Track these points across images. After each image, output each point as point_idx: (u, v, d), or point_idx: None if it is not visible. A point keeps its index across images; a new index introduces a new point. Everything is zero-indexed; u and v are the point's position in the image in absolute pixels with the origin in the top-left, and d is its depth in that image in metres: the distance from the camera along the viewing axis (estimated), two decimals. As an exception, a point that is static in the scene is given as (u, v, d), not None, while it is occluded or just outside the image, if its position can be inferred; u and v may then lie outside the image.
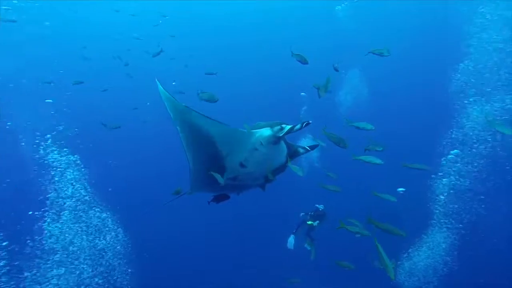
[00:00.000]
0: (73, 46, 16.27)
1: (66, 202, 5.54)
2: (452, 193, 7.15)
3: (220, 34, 21.03)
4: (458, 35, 8.34)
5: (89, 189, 5.91)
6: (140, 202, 13.67)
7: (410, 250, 7.04)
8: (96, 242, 5.89)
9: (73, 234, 5.42)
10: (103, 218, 6.00)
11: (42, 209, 5.28)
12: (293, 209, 8.22)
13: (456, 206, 7.14)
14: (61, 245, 5.23)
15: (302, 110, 10.98)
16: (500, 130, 4.66)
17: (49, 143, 5.83)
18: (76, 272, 5.28)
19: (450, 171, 7.24)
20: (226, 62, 20.10)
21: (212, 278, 11.18)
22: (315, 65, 4.67)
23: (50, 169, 5.61)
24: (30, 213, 5.24)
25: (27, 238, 5.06)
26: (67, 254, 5.30)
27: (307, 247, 7.81)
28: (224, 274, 11.24)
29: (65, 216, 5.42)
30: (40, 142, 5.85)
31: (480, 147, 6.95)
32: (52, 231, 5.18)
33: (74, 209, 5.62)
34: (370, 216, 4.19)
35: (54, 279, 5.01)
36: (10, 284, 4.68)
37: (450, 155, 7.22)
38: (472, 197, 7.28)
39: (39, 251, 5.03)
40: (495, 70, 7.16)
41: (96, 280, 5.64)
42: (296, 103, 11.64)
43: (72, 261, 5.34)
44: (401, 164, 5.74)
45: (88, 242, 5.66)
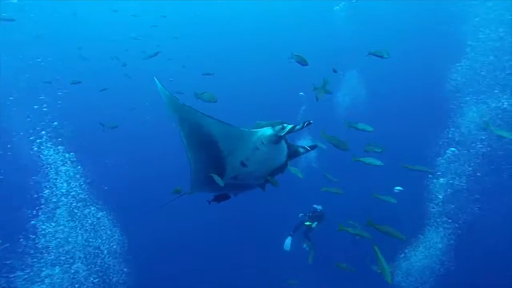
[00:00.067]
0: (71, 46, 16.22)
1: (60, 200, 5.48)
2: (449, 192, 7.19)
3: (218, 34, 21.05)
4: (456, 35, 8.40)
5: (84, 187, 5.87)
6: (138, 201, 13.61)
7: (407, 251, 7.06)
8: (91, 241, 5.84)
9: (67, 233, 5.38)
10: (99, 217, 5.96)
11: (36, 207, 5.22)
12: (292, 209, 8.23)
13: (452, 206, 7.18)
14: (55, 243, 5.18)
15: (301, 110, 10.99)
16: (500, 134, 4.62)
17: (43, 140, 5.77)
18: (72, 271, 5.25)
19: (447, 171, 7.28)
20: (224, 62, 20.11)
21: (210, 278, 11.16)
22: (314, 65, 4.68)
23: (44, 166, 5.55)
24: (25, 211, 5.17)
25: (20, 236, 4.98)
26: (61, 253, 5.25)
27: (306, 248, 7.82)
28: (223, 274, 11.22)
29: (59, 214, 5.37)
30: (35, 139, 5.79)
31: (477, 147, 6.99)
32: (46, 230, 5.13)
33: (69, 207, 5.56)
34: (370, 218, 4.18)
35: (47, 279, 4.96)
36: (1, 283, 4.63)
37: (447, 154, 7.26)
38: (467, 196, 7.32)
39: (32, 250, 4.95)
40: (491, 70, 7.22)
41: (91, 279, 5.60)
42: (295, 103, 11.66)
43: (67, 259, 5.30)
44: (398, 164, 5.76)
45: (83, 240, 5.61)
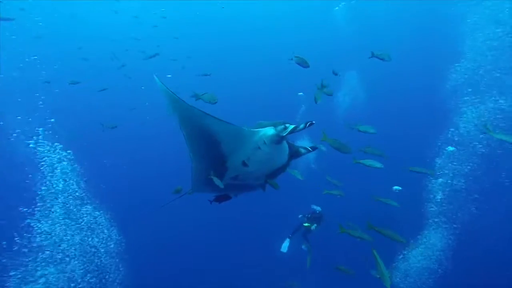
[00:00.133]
0: (71, 46, 16.21)
1: (57, 197, 5.46)
2: (447, 192, 7.19)
3: (218, 35, 21.05)
4: (454, 35, 8.41)
5: (82, 186, 5.85)
6: (137, 201, 13.62)
7: (405, 252, 7.06)
8: (86, 240, 5.83)
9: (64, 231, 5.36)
10: (96, 216, 5.95)
11: (32, 206, 5.20)
12: (292, 210, 8.21)
13: (451, 206, 7.19)
14: (51, 242, 5.16)
15: (301, 111, 10.99)
16: (500, 138, 4.58)
17: (40, 139, 5.74)
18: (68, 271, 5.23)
19: (446, 171, 7.29)
20: (224, 63, 20.13)
21: (210, 278, 11.16)
22: (313, 66, 4.67)
23: (40, 164, 5.52)
24: (20, 209, 5.14)
25: (15, 234, 4.96)
26: (57, 251, 5.23)
27: (304, 248, 7.81)
28: (222, 274, 11.22)
29: (56, 212, 5.34)
30: (34, 138, 5.76)
31: (475, 147, 7.01)
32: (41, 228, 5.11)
33: (64, 205, 5.54)
34: (370, 221, 4.17)
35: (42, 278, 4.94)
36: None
37: (446, 153, 7.27)
38: (466, 196, 7.33)
39: (27, 249, 4.92)
40: (489, 70, 7.23)
41: (88, 279, 5.60)
42: (294, 104, 11.67)
43: (63, 258, 5.28)
44: (397, 164, 5.76)
45: (80, 240, 5.60)
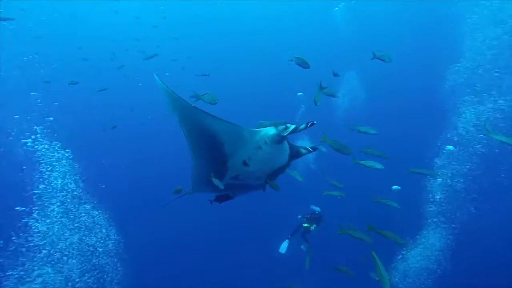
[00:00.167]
0: (71, 46, 16.21)
1: (54, 196, 5.44)
2: (446, 192, 7.20)
3: (217, 35, 21.05)
4: (454, 35, 8.42)
5: (81, 185, 5.84)
6: (135, 201, 13.62)
7: (404, 252, 7.06)
8: (86, 240, 5.82)
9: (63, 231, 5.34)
10: (94, 216, 5.95)
11: (30, 205, 5.18)
12: (292, 210, 8.19)
13: (450, 206, 7.20)
14: (48, 241, 5.15)
15: (300, 111, 10.99)
16: (500, 139, 4.55)
17: (38, 137, 5.72)
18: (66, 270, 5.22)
19: (444, 170, 7.29)
20: (223, 63, 20.13)
21: (209, 279, 11.16)
22: (313, 66, 4.67)
23: (39, 163, 5.51)
24: (17, 208, 5.12)
25: (12, 234, 4.94)
26: (55, 251, 5.22)
27: (303, 249, 7.81)
28: (222, 275, 11.21)
29: (53, 211, 5.32)
30: (29, 135, 5.75)
31: (474, 147, 7.01)
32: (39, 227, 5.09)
33: (62, 204, 5.52)
34: (370, 222, 4.16)
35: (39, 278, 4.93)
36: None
37: (445, 151, 7.27)
38: (465, 196, 7.34)
39: (24, 248, 4.91)
40: (488, 70, 7.24)
41: (86, 278, 5.60)
42: (293, 104, 11.67)
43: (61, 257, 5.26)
44: (396, 164, 5.76)
45: (79, 239, 5.59)
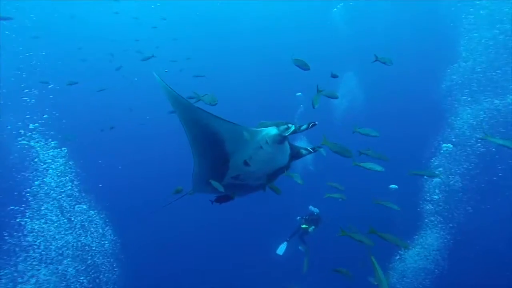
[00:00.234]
0: (70, 46, 16.18)
1: (49, 195, 5.40)
2: (443, 191, 7.22)
3: (216, 36, 21.06)
4: (452, 35, 8.46)
5: (79, 186, 5.81)
6: (134, 202, 13.59)
7: (402, 252, 7.07)
8: (82, 239, 5.79)
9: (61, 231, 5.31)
10: (91, 216, 5.93)
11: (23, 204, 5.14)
12: (292, 211, 8.18)
13: (447, 206, 7.22)
14: (44, 241, 5.12)
15: (299, 111, 11.00)
16: (498, 143, 4.52)
17: (34, 136, 5.69)
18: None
19: (441, 168, 7.32)
20: (221, 64, 20.15)
21: (207, 280, 11.15)
22: (312, 66, 4.68)
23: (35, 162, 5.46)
24: (11, 207, 5.09)
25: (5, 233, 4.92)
26: (51, 251, 5.19)
27: (301, 249, 7.81)
28: (220, 276, 11.20)
29: (47, 210, 5.28)
30: (25, 133, 5.70)
31: (471, 146, 7.05)
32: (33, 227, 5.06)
33: (56, 202, 5.49)
34: (368, 223, 4.14)
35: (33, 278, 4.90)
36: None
37: (443, 149, 7.29)
38: (461, 196, 7.35)
39: (18, 248, 4.90)
40: (485, 70, 7.28)
41: (82, 279, 5.58)
42: (293, 104, 11.68)
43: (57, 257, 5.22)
44: (395, 164, 5.77)
45: (74, 240, 5.56)
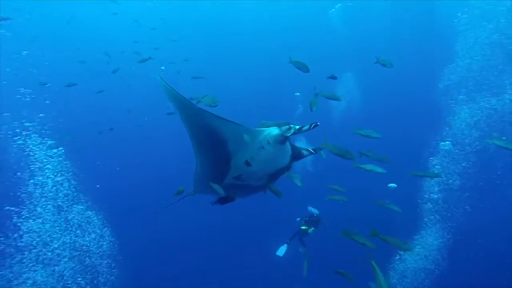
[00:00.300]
0: (68, 47, 16.18)
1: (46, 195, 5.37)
2: (442, 190, 7.23)
3: (214, 37, 21.09)
4: (450, 35, 8.48)
5: (77, 185, 5.78)
6: (132, 203, 13.56)
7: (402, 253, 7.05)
8: (76, 240, 5.76)
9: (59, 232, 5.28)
10: (88, 216, 5.91)
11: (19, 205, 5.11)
12: (292, 212, 8.16)
13: (446, 205, 7.23)
14: (42, 242, 5.10)
15: (298, 111, 11.01)
16: (504, 146, 4.42)
17: (31, 136, 5.66)
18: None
19: (438, 166, 7.33)
20: (220, 65, 20.17)
21: (210, 280, 11.11)
22: (309, 67, 4.69)
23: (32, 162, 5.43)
24: (7, 208, 5.05)
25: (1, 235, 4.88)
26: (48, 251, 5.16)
27: (301, 251, 7.79)
28: (222, 277, 11.18)
29: (42, 209, 5.25)
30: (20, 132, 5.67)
31: (471, 144, 7.07)
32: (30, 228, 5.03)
33: (54, 203, 5.46)
34: (369, 225, 4.13)
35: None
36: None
37: (441, 147, 7.29)
38: (460, 195, 7.36)
39: (13, 249, 4.87)
40: (482, 70, 7.31)
41: (79, 280, 5.55)
42: (292, 104, 11.69)
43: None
44: (394, 164, 5.76)
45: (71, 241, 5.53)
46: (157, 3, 19.41)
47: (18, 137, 5.60)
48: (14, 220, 4.92)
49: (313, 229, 7.44)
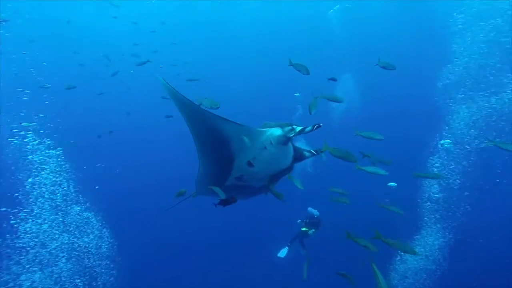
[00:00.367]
0: (67, 50, 16.17)
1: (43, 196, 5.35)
2: (443, 189, 7.22)
3: (213, 38, 21.14)
4: (449, 35, 8.51)
5: (77, 187, 5.77)
6: (132, 205, 13.54)
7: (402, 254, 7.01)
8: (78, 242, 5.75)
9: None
10: (87, 217, 5.89)
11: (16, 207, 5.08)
12: (292, 213, 8.12)
13: (446, 204, 7.22)
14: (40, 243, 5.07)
15: (297, 111, 11.00)
16: (503, 147, 4.41)
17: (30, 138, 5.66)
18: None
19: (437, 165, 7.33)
20: (219, 66, 20.22)
21: (210, 281, 11.07)
22: (308, 68, 4.68)
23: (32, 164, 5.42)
24: (3, 209, 5.03)
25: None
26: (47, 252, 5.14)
27: (302, 253, 7.77)
28: (222, 278, 11.13)
29: (38, 209, 5.23)
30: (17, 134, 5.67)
31: (468, 145, 7.08)
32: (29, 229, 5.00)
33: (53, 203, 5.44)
34: (370, 225, 4.09)
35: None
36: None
37: (441, 145, 7.29)
38: (459, 194, 7.34)
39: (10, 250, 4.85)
40: (479, 69, 7.34)
41: (77, 281, 5.53)
42: (291, 105, 11.68)
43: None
44: (393, 164, 5.76)
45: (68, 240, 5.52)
46: (156, 4, 19.46)
47: (17, 137, 5.58)
48: (11, 221, 4.90)
49: (313, 230, 7.42)
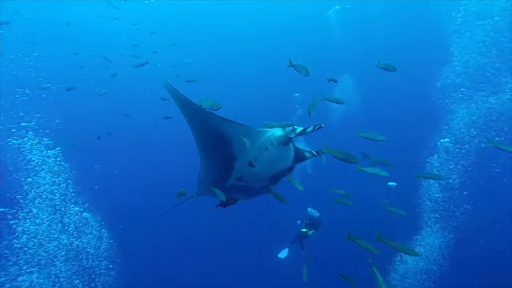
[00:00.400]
0: (67, 51, 16.19)
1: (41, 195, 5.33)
2: (443, 189, 7.21)
3: (212, 40, 21.17)
4: (448, 35, 8.52)
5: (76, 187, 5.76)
6: (132, 206, 13.51)
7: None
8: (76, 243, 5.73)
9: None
10: (86, 218, 5.88)
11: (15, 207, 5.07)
12: (294, 213, 8.12)
13: (446, 204, 7.21)
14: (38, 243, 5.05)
15: (297, 112, 11.02)
16: (502, 148, 4.27)
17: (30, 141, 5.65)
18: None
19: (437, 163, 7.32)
20: (218, 66, 20.24)
21: (210, 282, 11.04)
22: (308, 68, 4.67)
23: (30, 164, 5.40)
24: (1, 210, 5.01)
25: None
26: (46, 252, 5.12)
27: (303, 254, 7.76)
28: (222, 279, 11.11)
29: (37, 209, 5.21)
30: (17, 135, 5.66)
31: (467, 145, 7.08)
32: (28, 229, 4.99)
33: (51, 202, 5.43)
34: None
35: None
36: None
37: (441, 143, 7.29)
38: (458, 193, 7.34)
39: (8, 251, 4.83)
40: (478, 69, 7.35)
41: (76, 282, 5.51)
42: (291, 105, 11.70)
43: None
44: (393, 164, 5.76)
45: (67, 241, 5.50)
46: (156, 5, 19.49)
47: (15, 137, 5.57)
48: (10, 222, 4.88)
49: (313, 231, 7.41)
